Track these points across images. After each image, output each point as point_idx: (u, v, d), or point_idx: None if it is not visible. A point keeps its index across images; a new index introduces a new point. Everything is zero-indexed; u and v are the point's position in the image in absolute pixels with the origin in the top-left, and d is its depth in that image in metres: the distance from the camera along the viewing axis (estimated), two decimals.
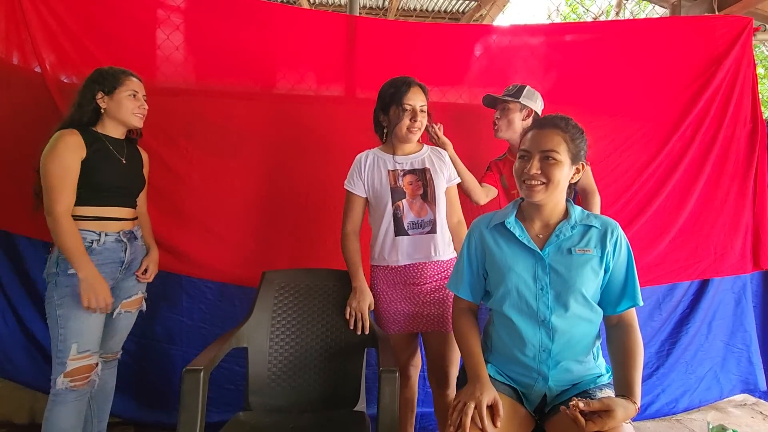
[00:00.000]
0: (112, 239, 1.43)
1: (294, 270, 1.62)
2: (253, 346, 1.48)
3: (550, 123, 1.09)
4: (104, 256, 1.41)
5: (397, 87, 1.44)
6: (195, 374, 1.13)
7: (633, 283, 1.08)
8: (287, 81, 1.93)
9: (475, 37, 2.08)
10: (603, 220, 1.12)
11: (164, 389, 1.84)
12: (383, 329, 1.49)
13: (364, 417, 1.38)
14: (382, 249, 1.46)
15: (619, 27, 2.15)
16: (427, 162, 1.49)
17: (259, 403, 1.44)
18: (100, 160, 1.40)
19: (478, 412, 0.96)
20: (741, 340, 2.16)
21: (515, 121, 1.73)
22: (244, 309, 1.83)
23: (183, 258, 1.79)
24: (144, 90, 1.50)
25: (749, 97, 2.10)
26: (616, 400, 0.94)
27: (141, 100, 1.48)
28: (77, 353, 1.34)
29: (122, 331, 1.55)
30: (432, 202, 1.45)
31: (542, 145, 1.06)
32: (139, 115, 1.48)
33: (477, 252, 1.17)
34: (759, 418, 2.22)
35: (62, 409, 1.34)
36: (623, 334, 1.08)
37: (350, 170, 1.51)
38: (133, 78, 1.47)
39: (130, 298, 1.53)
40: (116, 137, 1.47)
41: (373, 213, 1.50)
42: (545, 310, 1.06)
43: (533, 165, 1.06)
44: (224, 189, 1.84)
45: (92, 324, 1.38)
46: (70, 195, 1.35)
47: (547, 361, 1.07)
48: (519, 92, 1.73)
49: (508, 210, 1.17)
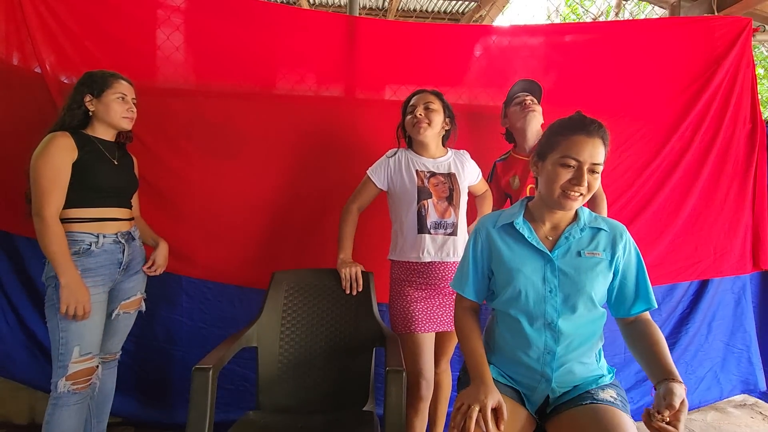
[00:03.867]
0: (110, 241, 1.42)
1: (303, 270, 1.62)
2: (263, 345, 1.49)
3: (597, 131, 1.02)
4: (103, 258, 1.40)
5: (408, 98, 1.58)
6: (204, 373, 1.14)
7: (645, 285, 1.09)
8: (287, 82, 1.93)
9: (474, 37, 2.08)
10: (611, 223, 1.12)
11: (164, 389, 1.85)
12: (407, 330, 1.47)
13: (372, 417, 1.38)
14: (404, 244, 1.51)
15: (619, 27, 2.15)
16: (452, 167, 1.56)
17: (268, 403, 1.45)
18: (93, 161, 1.39)
19: (483, 415, 0.94)
20: (741, 340, 2.16)
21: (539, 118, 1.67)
22: (244, 309, 1.84)
23: (183, 258, 1.79)
24: (134, 93, 1.49)
25: (749, 97, 2.10)
26: (673, 389, 0.92)
27: (130, 103, 1.47)
28: (79, 356, 1.34)
29: (121, 332, 1.54)
30: (456, 205, 1.51)
31: (595, 157, 1.01)
32: (128, 118, 1.47)
33: (483, 251, 1.15)
34: (759, 419, 2.22)
35: (63, 412, 1.33)
36: (644, 327, 1.07)
37: (379, 160, 1.58)
38: (122, 81, 1.46)
39: (129, 299, 1.52)
40: (107, 140, 1.47)
41: (397, 208, 1.54)
42: (553, 313, 1.05)
43: (584, 178, 1.00)
44: (224, 189, 1.84)
45: (93, 326, 1.37)
46: (60, 198, 1.34)
47: (551, 363, 1.07)
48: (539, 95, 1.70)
49: (516, 210, 1.14)
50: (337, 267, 1.52)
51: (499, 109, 1.81)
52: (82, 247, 1.36)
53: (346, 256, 1.52)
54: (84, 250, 1.37)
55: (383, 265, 1.66)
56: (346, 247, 1.53)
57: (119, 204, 1.47)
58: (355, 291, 1.51)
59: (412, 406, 1.44)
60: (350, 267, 1.50)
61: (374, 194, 1.57)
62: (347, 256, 1.52)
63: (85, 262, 1.37)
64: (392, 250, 1.56)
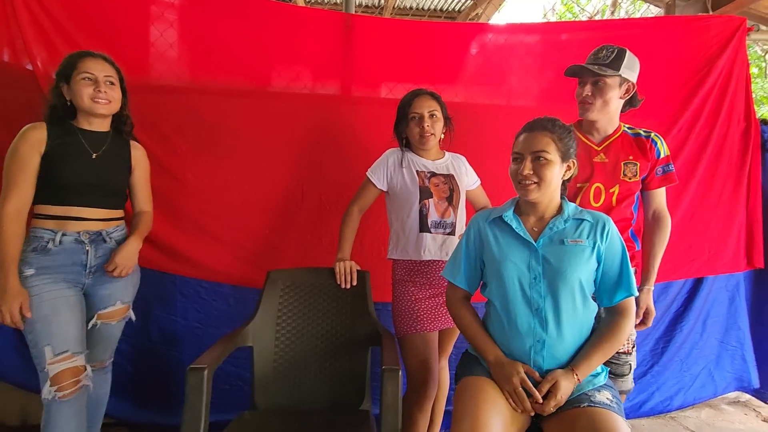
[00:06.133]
0: (70, 240, 1.30)
1: (298, 269, 1.62)
2: (259, 345, 1.48)
3: (538, 126, 1.16)
4: (62, 258, 1.29)
5: (406, 99, 1.55)
6: (199, 372, 1.14)
7: (627, 274, 1.14)
8: (282, 79, 1.92)
9: (471, 35, 2.07)
10: (595, 215, 1.19)
11: (158, 389, 1.83)
12: (413, 330, 1.46)
13: (368, 416, 1.38)
14: (406, 243, 1.51)
15: (614, 26, 2.17)
16: (450, 168, 1.58)
17: (264, 402, 1.44)
18: (62, 155, 1.28)
19: (526, 388, 1.05)
20: (735, 338, 2.18)
21: (612, 101, 1.40)
22: (239, 309, 1.82)
23: (177, 257, 1.78)
24: (111, 70, 1.32)
25: (743, 96, 2.11)
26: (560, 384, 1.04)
27: (100, 83, 1.28)
28: (54, 356, 1.24)
29: (105, 342, 1.43)
30: (456, 206, 1.54)
31: (533, 146, 1.13)
32: (100, 101, 1.30)
33: (475, 242, 1.23)
34: (752, 416, 2.24)
35: (59, 420, 1.24)
36: (610, 317, 1.15)
37: (378, 161, 1.58)
38: (89, 58, 1.29)
39: (107, 309, 1.39)
40: (95, 130, 1.35)
41: (397, 208, 1.54)
42: (538, 299, 1.11)
43: (526, 166, 1.13)
44: (219, 188, 1.83)
45: (62, 322, 1.26)
46: (24, 193, 1.25)
47: (542, 352, 1.10)
48: (618, 60, 1.37)
49: (507, 206, 1.23)
50: (334, 265, 1.53)
51: (494, 107, 1.80)
52: (41, 244, 1.28)
53: (344, 255, 1.52)
54: (41, 248, 1.28)
55: (379, 264, 1.65)
56: (345, 248, 1.53)
57: (89, 203, 1.33)
58: (348, 285, 1.51)
59: (418, 404, 1.44)
60: (345, 262, 1.51)
61: (375, 195, 1.57)
62: (344, 255, 1.53)
63: (42, 260, 1.28)
64: (392, 250, 1.56)
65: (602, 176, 1.44)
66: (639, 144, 1.46)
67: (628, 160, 1.44)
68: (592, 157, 1.46)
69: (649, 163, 1.45)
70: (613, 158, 1.45)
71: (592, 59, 1.42)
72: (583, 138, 1.48)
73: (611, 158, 1.45)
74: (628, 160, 1.44)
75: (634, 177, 1.44)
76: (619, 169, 1.44)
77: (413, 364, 1.45)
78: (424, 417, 1.47)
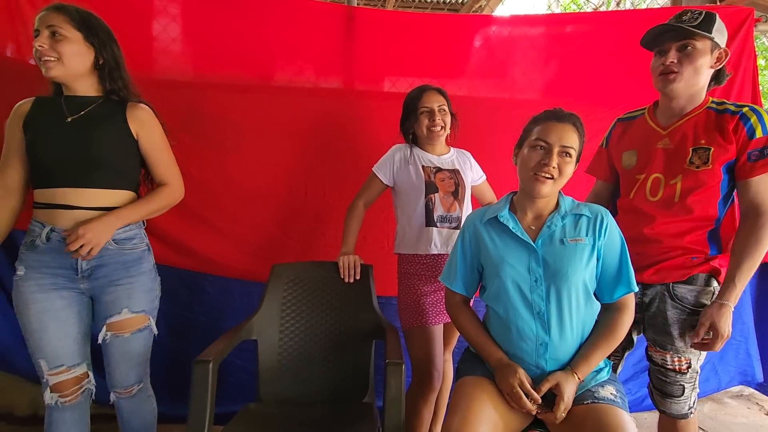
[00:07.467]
0: (58, 237, 1.13)
1: (303, 263, 1.62)
2: (263, 338, 1.49)
3: (567, 118, 1.09)
4: (48, 258, 1.14)
5: (413, 95, 1.56)
6: (205, 365, 1.15)
7: (627, 269, 1.10)
8: (285, 73, 1.91)
9: (474, 27, 2.05)
10: (593, 207, 1.14)
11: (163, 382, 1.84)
12: (418, 323, 1.47)
13: (372, 409, 1.39)
14: (412, 238, 1.52)
15: (620, 18, 2.13)
16: (456, 163, 1.59)
17: (269, 395, 1.45)
18: (35, 124, 1.12)
19: (526, 392, 1.03)
20: (739, 332, 2.16)
21: (702, 70, 1.16)
22: (244, 302, 1.84)
23: (182, 251, 1.79)
24: (55, 19, 1.08)
25: (750, 88, 2.08)
26: (563, 386, 1.02)
27: (44, 37, 1.06)
28: (50, 369, 1.18)
29: (124, 361, 1.24)
30: (461, 201, 1.55)
31: (564, 139, 1.06)
32: (44, 57, 1.07)
33: (471, 245, 1.19)
34: (755, 409, 2.24)
35: (60, 425, 1.22)
36: (609, 313, 1.11)
37: (384, 157, 1.58)
38: (43, 12, 1.08)
39: (113, 318, 1.21)
40: (82, 94, 1.16)
41: (404, 203, 1.55)
42: (540, 302, 1.08)
43: (553, 158, 1.06)
44: (223, 182, 1.83)
45: (52, 338, 1.16)
46: (6, 169, 1.14)
47: (545, 354, 1.08)
48: (708, 23, 1.14)
49: (501, 204, 1.19)
50: (337, 258, 1.53)
51: (498, 100, 1.79)
52: (30, 239, 1.16)
53: (348, 249, 1.53)
54: (30, 243, 1.15)
55: (382, 258, 1.66)
56: (349, 242, 1.54)
57: (76, 181, 1.12)
58: (352, 279, 1.52)
59: (423, 396, 1.46)
60: (349, 256, 1.52)
61: (380, 190, 1.58)
62: (349, 249, 1.53)
63: (30, 258, 1.16)
64: (398, 244, 1.57)
65: (662, 165, 1.20)
66: (719, 123, 1.15)
67: (699, 144, 1.16)
68: (654, 143, 1.23)
69: (731, 147, 1.14)
70: (679, 143, 1.19)
71: (675, 21, 1.17)
72: (650, 121, 1.27)
73: (676, 143, 1.20)
74: (699, 145, 1.16)
75: (705, 165, 1.15)
76: (684, 156, 1.17)
77: (418, 357, 1.46)
78: (428, 409, 1.48)
